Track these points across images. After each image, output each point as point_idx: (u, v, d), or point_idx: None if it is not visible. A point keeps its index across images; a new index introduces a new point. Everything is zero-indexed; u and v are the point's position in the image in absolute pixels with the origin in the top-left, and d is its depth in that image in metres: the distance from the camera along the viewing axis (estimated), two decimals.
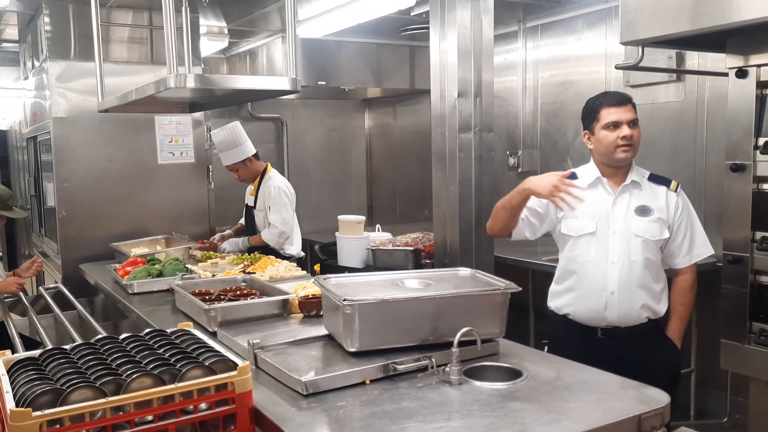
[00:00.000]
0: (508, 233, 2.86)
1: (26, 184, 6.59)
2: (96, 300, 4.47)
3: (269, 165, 4.86)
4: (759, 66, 2.62)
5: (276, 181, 4.70)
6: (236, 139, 4.64)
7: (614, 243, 2.69)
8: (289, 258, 4.52)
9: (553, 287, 2.91)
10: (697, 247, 2.75)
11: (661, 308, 2.72)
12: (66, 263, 4.84)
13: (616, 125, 2.66)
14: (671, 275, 2.79)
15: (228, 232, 4.93)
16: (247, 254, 4.35)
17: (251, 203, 4.85)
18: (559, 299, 2.85)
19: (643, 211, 2.69)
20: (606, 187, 2.75)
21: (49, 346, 2.11)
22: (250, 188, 4.87)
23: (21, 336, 3.35)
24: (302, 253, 4.89)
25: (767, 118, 2.65)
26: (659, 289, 2.72)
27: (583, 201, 2.57)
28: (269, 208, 4.63)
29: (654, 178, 2.77)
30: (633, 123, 2.67)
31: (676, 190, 2.74)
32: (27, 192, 6.51)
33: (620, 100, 2.71)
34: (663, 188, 2.74)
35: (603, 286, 2.69)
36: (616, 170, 2.75)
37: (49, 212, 5.33)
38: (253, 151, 4.73)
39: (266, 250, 4.54)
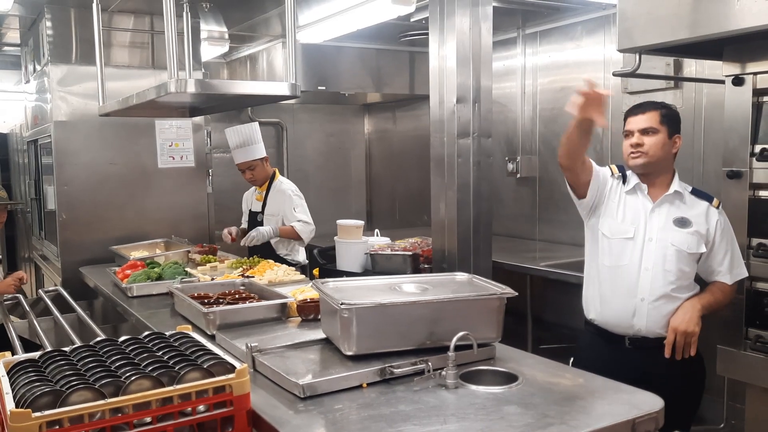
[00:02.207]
0: (578, 162, 2.77)
1: (27, 187, 6.61)
2: (95, 303, 4.48)
3: (277, 171, 4.90)
4: (755, 74, 2.63)
5: (289, 186, 4.77)
6: (254, 137, 4.70)
7: (649, 250, 2.68)
8: (295, 265, 4.49)
9: (584, 292, 2.92)
10: (736, 267, 2.68)
11: None
12: (66, 266, 4.85)
13: (630, 133, 2.71)
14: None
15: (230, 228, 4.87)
16: (247, 258, 4.35)
17: (257, 209, 4.82)
18: (588, 303, 2.87)
19: (682, 222, 2.67)
20: (645, 194, 2.75)
21: (49, 349, 2.12)
22: (256, 194, 4.86)
23: (20, 338, 3.36)
24: (306, 260, 4.88)
25: (763, 126, 2.66)
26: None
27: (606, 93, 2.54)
28: (295, 210, 4.65)
29: (697, 193, 2.74)
30: (646, 131, 2.67)
31: (717, 207, 2.69)
32: (27, 195, 6.52)
33: (639, 109, 2.73)
34: (705, 204, 2.70)
35: (633, 292, 2.68)
36: (653, 178, 2.74)
37: (50, 215, 5.34)
38: (266, 153, 4.80)
39: (272, 256, 4.50)
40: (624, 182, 2.81)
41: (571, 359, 2.83)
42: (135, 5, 4.92)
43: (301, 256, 4.81)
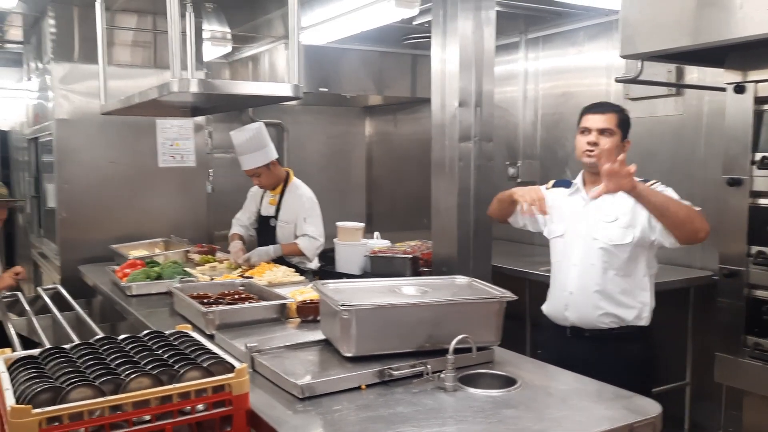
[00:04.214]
0: (502, 220, 3.11)
1: (27, 184, 6.61)
2: (94, 301, 4.48)
3: (291, 172, 4.56)
4: (757, 82, 2.64)
5: (305, 191, 4.45)
6: (261, 141, 4.33)
7: (577, 246, 2.80)
8: (307, 272, 4.27)
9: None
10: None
11: (627, 315, 2.72)
12: (65, 264, 4.85)
13: (587, 131, 2.77)
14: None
15: (239, 243, 4.42)
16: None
17: (270, 213, 4.49)
18: (546, 298, 2.99)
19: (608, 216, 2.75)
20: (582, 193, 2.86)
21: (48, 346, 2.12)
22: (269, 197, 4.54)
23: (19, 336, 3.36)
24: (318, 264, 4.58)
25: (764, 134, 2.67)
26: (625, 296, 2.72)
27: (543, 214, 2.82)
28: (305, 220, 4.33)
29: None
30: (604, 132, 2.74)
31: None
32: (27, 193, 6.52)
33: (599, 109, 2.80)
34: None
35: (564, 286, 2.82)
36: (597, 177, 2.72)
37: (49, 213, 5.35)
38: (276, 154, 4.45)
39: (283, 263, 4.21)
40: (567, 188, 2.94)
41: (539, 351, 2.95)
42: (138, 4, 4.93)
43: (314, 263, 4.50)
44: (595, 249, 2.74)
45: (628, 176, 2.42)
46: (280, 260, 4.28)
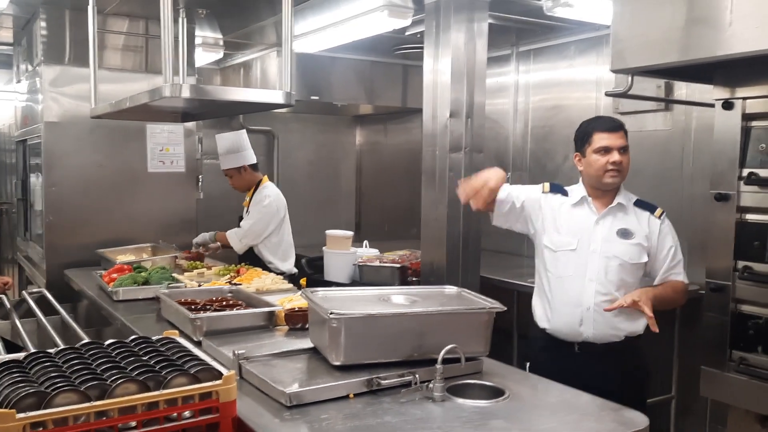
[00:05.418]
0: (485, 209, 2.95)
1: (13, 187, 6.55)
2: (79, 306, 4.44)
3: (266, 177, 4.86)
4: (745, 98, 2.67)
5: (270, 192, 4.72)
6: (237, 146, 4.71)
7: (593, 261, 2.76)
8: (281, 274, 4.37)
9: (534, 300, 2.99)
10: (681, 274, 2.83)
11: (639, 327, 2.77)
12: (51, 268, 4.81)
13: (606, 150, 2.75)
14: None
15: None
16: (235, 266, 4.29)
17: (244, 215, 4.83)
18: (539, 311, 2.94)
19: (624, 233, 2.76)
20: (591, 206, 2.84)
21: (32, 350, 2.10)
22: (246, 200, 4.87)
23: (3, 339, 3.32)
24: (294, 270, 4.78)
25: (752, 149, 2.70)
26: (634, 311, 2.74)
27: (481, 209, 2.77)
28: (247, 212, 4.67)
29: (640, 204, 2.84)
30: (623, 150, 2.77)
31: (660, 217, 2.81)
32: (14, 195, 6.47)
33: (613, 126, 2.80)
34: (647, 214, 2.81)
35: (579, 302, 2.76)
36: (603, 192, 2.83)
37: (36, 216, 5.30)
38: (252, 161, 4.78)
39: (259, 264, 4.47)
40: (565, 196, 2.91)
41: (527, 364, 2.89)
42: (130, 9, 4.91)
43: (286, 266, 4.70)
44: (614, 265, 2.74)
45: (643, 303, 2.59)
46: (258, 263, 4.42)
